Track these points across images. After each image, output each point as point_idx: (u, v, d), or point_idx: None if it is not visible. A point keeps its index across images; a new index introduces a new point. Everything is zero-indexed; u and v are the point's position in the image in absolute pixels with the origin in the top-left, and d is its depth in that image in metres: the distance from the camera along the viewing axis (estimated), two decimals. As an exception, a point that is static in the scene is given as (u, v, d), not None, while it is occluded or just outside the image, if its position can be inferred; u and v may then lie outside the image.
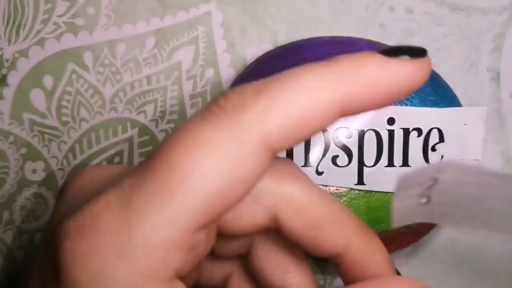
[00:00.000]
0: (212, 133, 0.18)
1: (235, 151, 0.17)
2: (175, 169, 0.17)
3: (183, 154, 0.17)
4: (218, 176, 0.17)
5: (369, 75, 0.18)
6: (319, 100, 0.18)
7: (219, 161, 0.17)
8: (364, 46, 0.30)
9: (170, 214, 0.17)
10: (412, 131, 0.30)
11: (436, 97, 0.30)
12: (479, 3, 0.32)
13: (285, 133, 0.18)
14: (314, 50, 0.30)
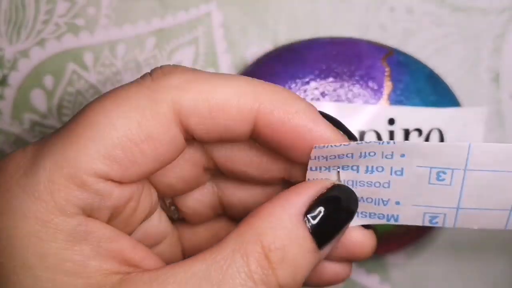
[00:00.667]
0: (130, 90, 0.19)
1: (146, 107, 0.18)
2: (87, 117, 0.18)
3: (97, 105, 0.19)
4: (125, 125, 0.18)
5: (295, 108, 0.20)
6: (239, 97, 0.19)
7: (128, 113, 0.18)
8: (364, 47, 0.30)
9: (73, 152, 0.18)
10: (413, 131, 0.30)
11: (436, 98, 0.30)
12: (479, 4, 0.32)
13: (198, 111, 0.19)
14: (314, 51, 0.30)
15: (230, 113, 0.19)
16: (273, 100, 0.19)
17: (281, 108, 0.19)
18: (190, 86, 0.19)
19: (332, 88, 0.30)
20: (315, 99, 0.29)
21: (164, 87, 0.19)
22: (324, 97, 0.30)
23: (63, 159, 0.18)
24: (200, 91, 0.19)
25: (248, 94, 0.19)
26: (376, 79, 0.30)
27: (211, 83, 0.19)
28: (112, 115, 0.18)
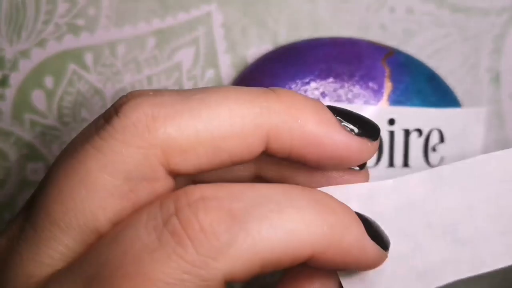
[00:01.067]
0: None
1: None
2: (69, 178, 0.17)
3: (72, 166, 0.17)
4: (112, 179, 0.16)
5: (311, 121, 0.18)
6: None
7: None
8: (364, 47, 0.30)
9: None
10: (413, 131, 0.30)
11: (436, 98, 0.30)
12: (479, 4, 0.32)
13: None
14: (314, 51, 0.30)
15: (236, 140, 0.17)
16: (278, 115, 0.18)
17: (293, 123, 0.18)
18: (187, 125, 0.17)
19: (332, 89, 0.30)
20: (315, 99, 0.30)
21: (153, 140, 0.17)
22: (324, 98, 0.30)
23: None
24: (197, 126, 0.17)
25: (252, 114, 0.17)
26: (376, 80, 0.30)
27: (210, 109, 0.17)
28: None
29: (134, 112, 0.16)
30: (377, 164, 0.30)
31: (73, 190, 0.16)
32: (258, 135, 0.17)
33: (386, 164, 0.30)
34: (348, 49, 0.30)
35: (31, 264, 0.16)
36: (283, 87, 0.30)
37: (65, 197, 0.16)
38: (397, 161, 0.30)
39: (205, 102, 0.16)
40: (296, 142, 0.18)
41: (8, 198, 0.33)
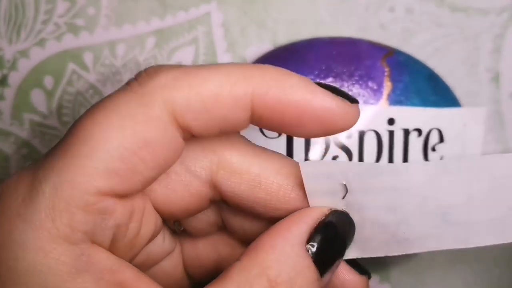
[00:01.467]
0: (118, 98, 0.18)
1: (138, 113, 0.18)
2: (80, 133, 0.18)
3: (87, 119, 0.18)
4: (120, 136, 0.17)
5: (289, 84, 0.19)
6: (232, 85, 0.18)
7: (122, 121, 0.17)
8: (364, 47, 0.30)
9: (70, 173, 0.17)
10: (412, 131, 0.30)
11: (436, 98, 0.30)
12: (479, 4, 0.32)
13: (191, 106, 0.18)
14: (314, 51, 0.30)
15: (224, 102, 0.18)
16: (266, 80, 0.19)
17: (275, 86, 0.19)
18: (179, 83, 0.18)
19: (332, 88, 0.30)
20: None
21: (153, 88, 0.18)
22: (324, 97, 0.30)
23: (61, 182, 0.17)
24: (190, 86, 0.18)
25: (240, 80, 0.19)
26: (376, 79, 0.30)
27: (200, 76, 0.18)
28: (105, 127, 0.18)
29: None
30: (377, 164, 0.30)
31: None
32: (243, 98, 0.18)
33: (385, 164, 0.30)
34: (347, 49, 0.30)
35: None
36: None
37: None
38: (397, 161, 0.30)
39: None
40: (280, 105, 0.19)
41: (7, 198, 0.33)
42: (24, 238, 0.17)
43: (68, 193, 0.17)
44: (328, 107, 0.19)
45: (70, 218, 0.17)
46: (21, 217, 0.17)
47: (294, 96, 0.19)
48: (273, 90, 0.19)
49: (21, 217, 0.17)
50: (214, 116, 0.19)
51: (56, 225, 0.17)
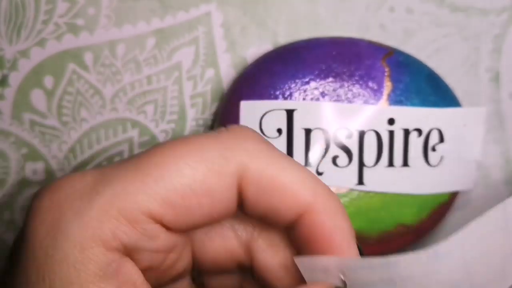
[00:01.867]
0: (205, 142, 0.19)
1: (215, 164, 0.18)
2: (156, 156, 0.18)
3: (169, 147, 0.19)
4: (191, 175, 0.18)
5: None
6: (300, 189, 0.20)
7: (198, 163, 0.18)
8: (364, 47, 0.30)
9: (133, 188, 0.18)
10: (412, 131, 0.30)
11: (436, 98, 0.30)
12: (479, 4, 0.32)
13: (259, 182, 0.19)
14: (314, 51, 0.30)
15: (285, 198, 0.19)
16: (326, 203, 0.20)
17: (330, 224, 0.20)
18: (261, 157, 0.19)
19: (332, 88, 0.30)
20: (315, 99, 0.29)
21: (237, 148, 0.19)
22: (324, 97, 0.30)
23: (122, 191, 0.18)
24: (268, 165, 0.19)
25: (308, 189, 0.19)
26: (376, 79, 0.30)
27: (280, 163, 0.19)
28: (181, 161, 0.18)
29: None
30: (377, 164, 0.30)
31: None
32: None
33: (385, 164, 0.30)
34: (347, 49, 0.30)
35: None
36: (283, 87, 0.30)
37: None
38: (397, 161, 0.30)
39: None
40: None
41: (7, 198, 0.33)
42: (69, 230, 0.18)
43: (123, 204, 0.18)
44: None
45: (116, 226, 0.18)
46: (73, 210, 0.18)
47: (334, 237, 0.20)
48: (326, 216, 0.20)
49: (73, 210, 0.18)
50: (269, 202, 0.20)
51: (101, 226, 0.18)
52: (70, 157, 0.32)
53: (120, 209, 0.18)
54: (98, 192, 0.18)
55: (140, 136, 0.33)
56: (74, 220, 0.18)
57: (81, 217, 0.18)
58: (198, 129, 0.33)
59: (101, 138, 0.32)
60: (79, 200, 0.18)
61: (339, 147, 0.30)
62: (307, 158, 0.29)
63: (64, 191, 0.18)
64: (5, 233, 0.33)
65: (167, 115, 0.33)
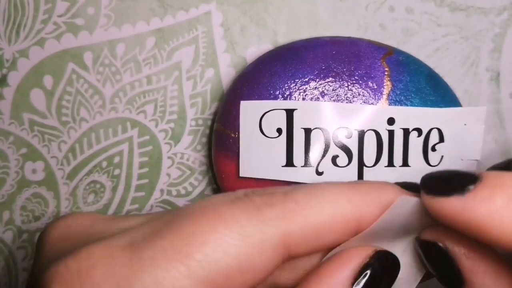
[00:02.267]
0: (239, 215, 0.18)
1: (257, 239, 0.18)
2: (196, 234, 0.18)
3: (206, 223, 0.18)
4: (234, 254, 0.18)
5: (386, 200, 0.20)
6: (341, 217, 0.19)
7: (240, 241, 0.18)
8: (364, 46, 0.30)
9: (177, 273, 0.17)
10: (412, 131, 0.30)
11: (436, 97, 0.30)
12: (479, 3, 0.32)
13: (305, 236, 0.19)
14: (314, 50, 0.30)
15: (335, 229, 0.19)
16: (369, 202, 0.20)
17: (376, 207, 0.20)
18: (296, 215, 0.19)
19: (332, 88, 0.30)
20: (315, 98, 0.29)
21: (271, 219, 0.19)
22: (324, 97, 0.30)
23: (165, 278, 0.17)
24: (306, 217, 0.19)
25: (348, 206, 0.19)
26: (376, 79, 0.30)
27: (314, 206, 0.19)
28: (225, 241, 0.18)
29: None
30: (377, 163, 0.30)
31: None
32: (352, 222, 0.20)
33: (385, 164, 0.30)
34: (347, 49, 0.30)
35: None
36: (282, 86, 0.30)
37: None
38: (397, 161, 0.30)
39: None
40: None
41: (7, 197, 0.33)
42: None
43: (161, 275, 0.17)
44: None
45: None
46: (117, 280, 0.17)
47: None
48: (376, 210, 0.20)
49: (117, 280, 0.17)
50: (322, 241, 0.19)
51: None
52: (69, 157, 0.32)
53: (156, 278, 0.17)
54: (138, 278, 0.17)
55: (139, 135, 0.33)
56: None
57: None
58: (197, 129, 0.33)
59: (100, 138, 0.32)
60: (116, 285, 0.17)
61: (339, 147, 0.29)
62: (307, 158, 0.29)
63: (96, 278, 0.17)
64: (4, 233, 0.33)
65: (166, 115, 0.33)
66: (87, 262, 0.17)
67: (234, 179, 0.30)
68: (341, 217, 0.19)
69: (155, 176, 0.33)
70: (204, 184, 0.33)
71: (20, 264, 0.33)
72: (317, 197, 0.19)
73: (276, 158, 0.29)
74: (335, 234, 0.19)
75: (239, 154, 0.30)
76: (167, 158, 0.33)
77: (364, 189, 0.20)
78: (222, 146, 0.30)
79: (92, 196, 0.33)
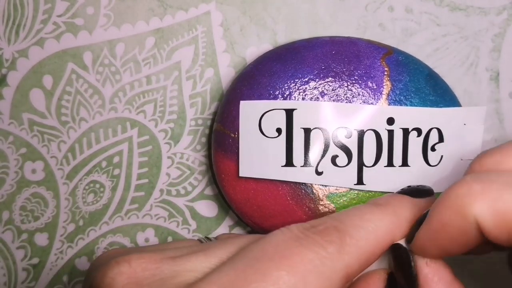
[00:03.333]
0: (310, 256, 0.21)
1: (327, 274, 0.21)
2: (282, 275, 0.20)
3: (285, 263, 0.21)
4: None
5: (406, 215, 0.23)
6: (382, 239, 0.22)
7: (316, 280, 0.20)
8: (363, 46, 0.30)
9: None
10: (412, 131, 0.30)
11: (435, 97, 0.30)
12: (478, 3, 0.32)
13: (361, 264, 0.22)
14: (313, 50, 0.30)
15: (380, 253, 0.23)
16: (397, 222, 0.23)
17: (403, 226, 0.24)
18: (353, 249, 0.22)
19: (331, 88, 0.30)
20: (314, 98, 0.29)
21: (336, 256, 0.21)
22: (323, 97, 0.30)
23: None
24: (361, 249, 0.22)
25: (386, 231, 0.23)
26: (375, 79, 0.30)
27: (365, 238, 0.22)
28: (305, 279, 0.20)
29: None
30: (376, 163, 0.30)
31: None
32: (387, 246, 0.23)
33: (385, 164, 0.30)
34: (347, 48, 0.30)
35: None
36: (282, 86, 0.30)
37: None
38: (396, 161, 0.30)
39: (359, 230, 0.22)
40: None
41: (6, 197, 0.32)
42: None
43: None
44: None
45: None
46: None
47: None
48: None
49: None
50: (370, 262, 0.23)
51: None
52: (69, 156, 0.32)
53: None
54: None
55: (139, 135, 0.33)
56: None
57: None
58: (197, 129, 0.33)
59: (100, 138, 0.32)
60: None
61: (338, 147, 0.29)
62: (307, 158, 0.29)
63: None
64: (4, 233, 0.33)
65: (166, 115, 0.33)
66: None
67: (233, 179, 0.30)
68: (383, 242, 0.22)
69: (155, 176, 0.33)
70: (203, 184, 0.33)
71: (19, 264, 0.33)
72: (363, 228, 0.22)
73: (276, 158, 0.29)
74: (378, 254, 0.22)
75: (238, 154, 0.30)
76: (167, 158, 0.33)
77: (390, 210, 0.23)
78: (221, 146, 0.30)
79: (91, 196, 0.33)
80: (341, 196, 0.30)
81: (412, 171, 0.30)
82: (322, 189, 0.30)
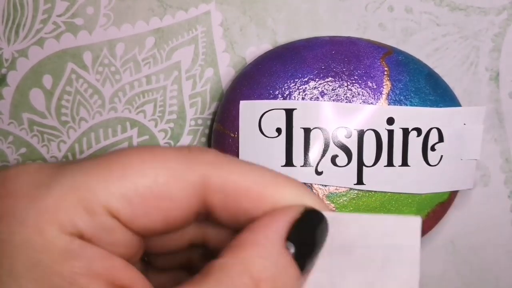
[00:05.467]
0: (169, 152, 0.20)
1: (178, 170, 0.19)
2: (121, 157, 0.19)
3: (135, 151, 0.19)
4: (154, 178, 0.19)
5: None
6: (263, 187, 0.20)
7: (161, 169, 0.19)
8: (363, 46, 0.30)
9: (94, 182, 0.18)
10: (412, 131, 0.30)
11: (435, 97, 0.30)
12: (478, 3, 0.32)
13: (223, 189, 0.20)
14: (313, 50, 0.30)
15: (252, 198, 0.20)
16: (291, 195, 0.20)
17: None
18: (222, 166, 0.20)
19: (331, 88, 0.30)
20: (314, 98, 0.29)
21: (200, 160, 0.20)
22: (323, 97, 0.30)
23: (83, 184, 0.18)
24: (230, 173, 0.20)
25: (271, 185, 0.20)
26: (375, 79, 0.30)
27: (241, 170, 0.20)
28: (146, 165, 0.19)
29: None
30: (376, 163, 0.30)
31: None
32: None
33: (385, 163, 0.30)
34: (347, 48, 0.30)
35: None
36: (282, 86, 0.30)
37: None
38: (396, 161, 0.30)
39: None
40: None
41: (6, 197, 0.33)
42: (25, 215, 0.18)
43: (82, 194, 0.18)
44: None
45: (73, 213, 0.18)
46: (29, 197, 0.18)
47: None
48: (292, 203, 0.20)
49: (29, 197, 0.18)
50: (237, 207, 0.20)
51: (58, 212, 0.18)
52: (69, 156, 0.32)
53: (79, 199, 0.18)
54: (58, 182, 0.18)
55: (139, 135, 0.33)
56: (30, 206, 0.18)
57: (37, 203, 0.18)
58: (197, 129, 0.33)
59: (100, 138, 0.32)
60: (36, 189, 0.18)
61: (338, 147, 0.29)
62: (306, 158, 0.29)
63: (20, 179, 0.18)
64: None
65: (166, 115, 0.33)
66: (16, 171, 0.19)
67: (233, 179, 0.30)
68: (260, 190, 0.20)
69: (155, 176, 0.33)
70: (203, 184, 0.33)
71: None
72: (249, 166, 0.20)
73: (276, 158, 0.29)
74: (250, 203, 0.20)
75: (238, 154, 0.30)
76: (167, 158, 0.33)
77: (290, 184, 0.21)
78: (221, 146, 0.30)
79: (91, 196, 0.33)
80: (341, 196, 0.30)
81: (412, 171, 0.30)
82: (322, 189, 0.30)
